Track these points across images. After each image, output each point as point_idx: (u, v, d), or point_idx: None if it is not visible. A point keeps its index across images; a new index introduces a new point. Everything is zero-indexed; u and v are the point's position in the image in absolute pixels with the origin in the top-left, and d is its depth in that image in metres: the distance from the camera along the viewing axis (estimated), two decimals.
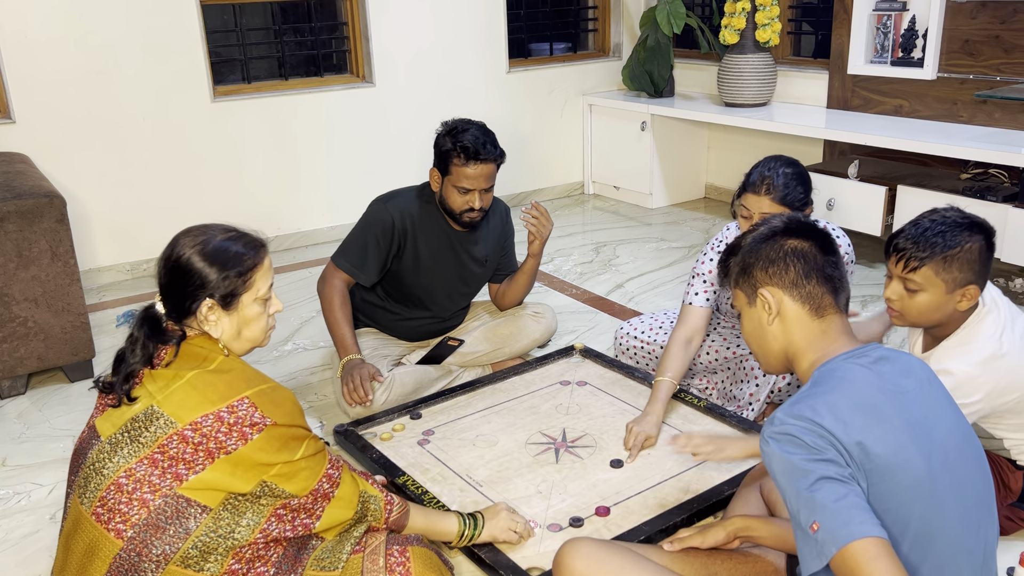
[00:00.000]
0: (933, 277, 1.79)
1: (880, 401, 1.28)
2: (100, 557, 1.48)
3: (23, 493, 2.37)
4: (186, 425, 1.49)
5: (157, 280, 1.61)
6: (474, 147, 2.52)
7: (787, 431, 1.26)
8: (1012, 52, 3.64)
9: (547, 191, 5.28)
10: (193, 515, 1.47)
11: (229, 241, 1.60)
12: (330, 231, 4.55)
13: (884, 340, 3.11)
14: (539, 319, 2.95)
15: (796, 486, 1.22)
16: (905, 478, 1.24)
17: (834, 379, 1.31)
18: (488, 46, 4.83)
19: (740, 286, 1.50)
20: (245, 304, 1.60)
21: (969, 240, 1.77)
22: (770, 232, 1.47)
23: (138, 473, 1.48)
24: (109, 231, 3.99)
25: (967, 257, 1.77)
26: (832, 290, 1.43)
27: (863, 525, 1.17)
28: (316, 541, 1.62)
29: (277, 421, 1.53)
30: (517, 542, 1.94)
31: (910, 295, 1.83)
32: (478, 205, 2.59)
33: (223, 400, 1.51)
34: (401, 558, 1.64)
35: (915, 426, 1.28)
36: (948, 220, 1.80)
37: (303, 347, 3.25)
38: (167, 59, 3.94)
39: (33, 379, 3.01)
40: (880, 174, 3.81)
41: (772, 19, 4.30)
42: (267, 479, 1.52)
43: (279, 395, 1.57)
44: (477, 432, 2.47)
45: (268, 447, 1.51)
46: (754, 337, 1.50)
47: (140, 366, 1.54)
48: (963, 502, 1.29)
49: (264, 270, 1.64)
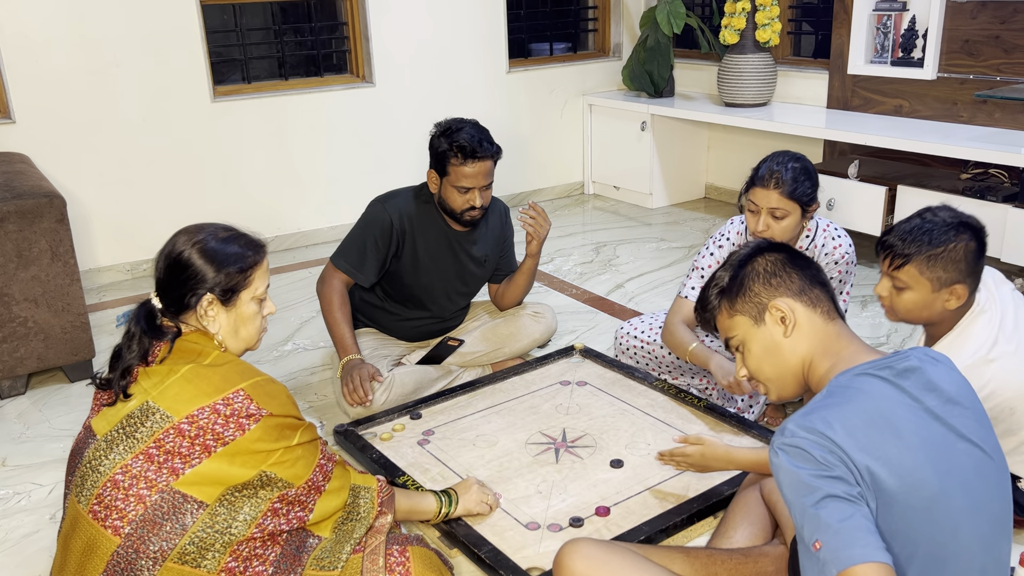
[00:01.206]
0: (918, 275, 1.81)
1: (898, 416, 1.24)
2: (98, 555, 1.48)
3: (23, 493, 2.37)
4: (182, 419, 1.50)
5: (155, 276, 1.62)
6: (470, 145, 2.51)
7: (797, 444, 1.22)
8: (1012, 52, 3.64)
9: (547, 191, 5.28)
10: (190, 511, 1.48)
11: (229, 240, 1.63)
12: (330, 231, 4.55)
13: (884, 342, 3.11)
14: (539, 319, 2.95)
15: (802, 502, 1.19)
16: (917, 500, 1.20)
17: (851, 391, 1.27)
18: (488, 46, 4.83)
19: (741, 309, 1.44)
20: (243, 301, 1.62)
21: (955, 240, 1.78)
22: (749, 253, 1.46)
23: (134, 469, 1.49)
24: (109, 231, 3.99)
25: (952, 257, 1.78)
26: (828, 295, 1.42)
27: (866, 549, 1.13)
28: (314, 540, 1.62)
29: (273, 412, 1.55)
30: (488, 513, 2.04)
31: (897, 292, 1.85)
32: (479, 203, 2.59)
33: (218, 393, 1.52)
34: (401, 558, 1.65)
35: (933, 444, 1.23)
36: (937, 220, 1.81)
37: (303, 347, 3.25)
38: (167, 59, 3.94)
39: (33, 379, 3.01)
40: (880, 174, 3.81)
41: (772, 19, 4.30)
42: (267, 468, 1.53)
43: (273, 387, 1.59)
44: (477, 432, 2.47)
45: (266, 436, 1.53)
46: (768, 360, 1.43)
47: (136, 362, 1.55)
48: (978, 524, 1.25)
49: (263, 270, 1.66)
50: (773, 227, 2.32)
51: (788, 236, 2.34)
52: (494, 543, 1.94)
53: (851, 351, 1.37)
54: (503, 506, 2.11)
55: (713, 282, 1.49)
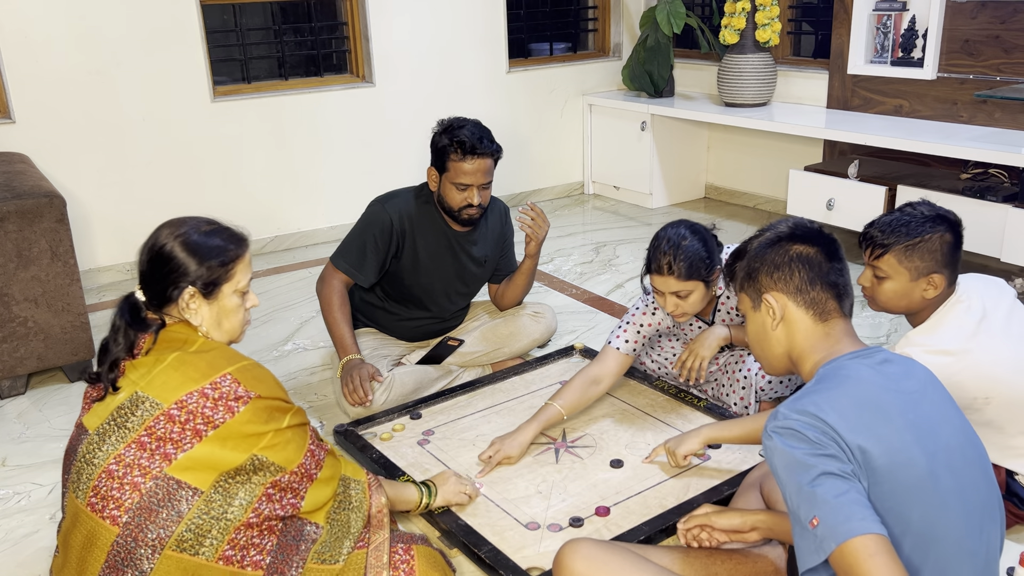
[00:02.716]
0: (896, 265, 1.91)
1: (884, 400, 1.28)
2: (98, 546, 1.49)
3: (23, 493, 2.37)
4: (171, 405, 1.52)
5: (138, 268, 1.64)
6: (470, 142, 2.52)
7: (790, 426, 1.26)
8: (1012, 52, 3.64)
9: (547, 191, 5.28)
10: (184, 498, 1.48)
11: (212, 233, 1.64)
12: (329, 231, 4.55)
13: (884, 341, 3.11)
14: (539, 319, 2.95)
15: (797, 481, 1.22)
16: (907, 477, 1.24)
17: (839, 377, 1.32)
18: (488, 46, 4.83)
19: (745, 290, 1.50)
20: (225, 294, 1.63)
21: (931, 231, 1.89)
22: (776, 237, 1.47)
23: (127, 458, 1.50)
24: (109, 231, 3.99)
25: (929, 247, 1.89)
26: (836, 296, 1.43)
27: (863, 521, 1.17)
28: (312, 528, 1.62)
29: (261, 394, 1.56)
30: (468, 503, 2.08)
31: (878, 282, 1.96)
32: (476, 201, 2.59)
33: (205, 378, 1.54)
34: (406, 556, 1.66)
35: (918, 427, 1.27)
36: (915, 213, 1.93)
37: (303, 347, 3.25)
38: (167, 59, 3.94)
39: (33, 379, 3.01)
40: (880, 174, 3.81)
41: (772, 19, 4.30)
42: (257, 452, 1.54)
43: (260, 371, 1.61)
44: (477, 432, 2.47)
45: (256, 419, 1.54)
46: (757, 341, 1.51)
47: (123, 355, 1.58)
48: (966, 504, 1.28)
49: (245, 263, 1.67)
50: (682, 305, 2.30)
51: (700, 307, 2.33)
52: (494, 543, 1.94)
53: (840, 348, 1.40)
54: (503, 506, 2.11)
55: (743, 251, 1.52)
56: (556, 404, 2.36)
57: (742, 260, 1.51)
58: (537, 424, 2.33)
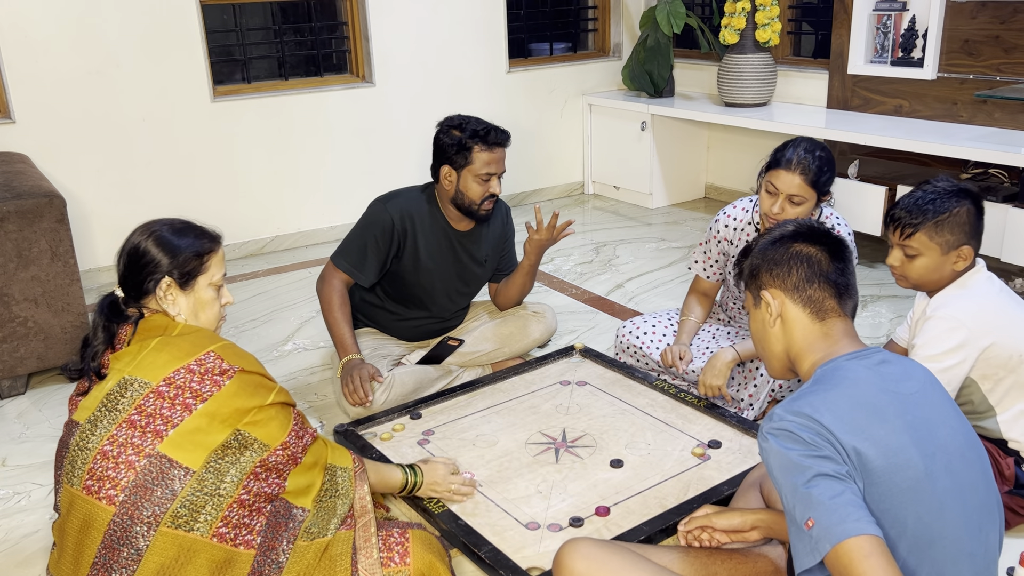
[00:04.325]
0: (928, 241, 1.95)
1: (882, 401, 1.28)
2: (95, 528, 1.51)
3: (23, 493, 2.37)
4: (160, 382, 1.57)
5: (117, 271, 1.71)
6: (490, 131, 2.57)
7: (785, 427, 1.26)
8: (1012, 52, 3.64)
9: (547, 191, 5.28)
10: (177, 476, 1.52)
11: (184, 230, 1.72)
12: (330, 231, 4.55)
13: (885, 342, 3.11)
14: (539, 319, 2.95)
15: (792, 482, 1.23)
16: (904, 479, 1.24)
17: (836, 378, 1.32)
18: (488, 46, 4.83)
19: (748, 287, 1.52)
20: (201, 286, 1.70)
21: (957, 205, 1.94)
22: (780, 236, 1.48)
23: (120, 438, 1.54)
24: (109, 231, 3.99)
25: (957, 220, 1.94)
26: (836, 295, 1.43)
27: (858, 523, 1.17)
28: (299, 511, 1.65)
29: (244, 368, 1.63)
30: (464, 496, 2.10)
31: (909, 260, 2.00)
32: (498, 191, 2.64)
33: (190, 356, 1.60)
34: (401, 538, 1.69)
35: (916, 428, 1.27)
36: (939, 188, 1.97)
37: (303, 347, 3.25)
38: (167, 59, 3.94)
39: (33, 379, 3.01)
40: (880, 174, 3.81)
41: (772, 19, 4.30)
42: (241, 427, 1.58)
43: (240, 350, 1.69)
44: (477, 432, 2.47)
45: (241, 392, 1.60)
46: (759, 339, 1.52)
47: (103, 347, 1.63)
48: (965, 505, 1.28)
49: (219, 258, 1.74)
50: (788, 211, 2.35)
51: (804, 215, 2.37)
52: (494, 543, 1.94)
53: (839, 348, 1.40)
54: (503, 506, 2.11)
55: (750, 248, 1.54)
56: (691, 318, 2.69)
57: (747, 258, 1.53)
58: (688, 334, 2.67)
